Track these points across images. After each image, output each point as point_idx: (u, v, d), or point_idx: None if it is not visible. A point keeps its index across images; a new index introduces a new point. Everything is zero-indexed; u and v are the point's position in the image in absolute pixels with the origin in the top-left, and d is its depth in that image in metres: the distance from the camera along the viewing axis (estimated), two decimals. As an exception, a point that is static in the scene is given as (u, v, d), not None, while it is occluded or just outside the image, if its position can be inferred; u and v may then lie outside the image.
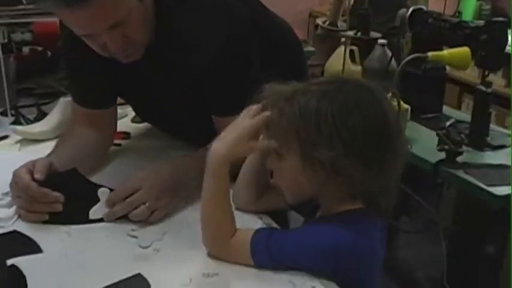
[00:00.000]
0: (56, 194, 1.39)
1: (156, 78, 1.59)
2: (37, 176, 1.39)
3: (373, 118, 1.15)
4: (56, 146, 1.62)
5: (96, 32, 1.38)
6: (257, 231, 1.23)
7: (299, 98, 1.16)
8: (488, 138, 2.43)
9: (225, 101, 1.55)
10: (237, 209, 1.43)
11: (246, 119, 1.23)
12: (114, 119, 1.76)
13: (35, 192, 1.38)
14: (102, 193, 1.41)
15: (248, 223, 1.30)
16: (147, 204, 1.38)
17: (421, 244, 3.08)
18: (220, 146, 1.22)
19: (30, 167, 1.41)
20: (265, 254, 1.20)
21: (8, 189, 1.47)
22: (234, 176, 1.49)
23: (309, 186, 1.20)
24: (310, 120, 1.14)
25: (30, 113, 2.08)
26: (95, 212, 1.40)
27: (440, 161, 2.21)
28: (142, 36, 1.46)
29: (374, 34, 3.01)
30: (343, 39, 3.16)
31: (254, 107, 1.24)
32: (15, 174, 1.41)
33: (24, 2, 2.14)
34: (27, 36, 2.70)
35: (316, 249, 1.17)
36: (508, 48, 2.65)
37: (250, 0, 1.66)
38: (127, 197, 1.38)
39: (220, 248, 1.25)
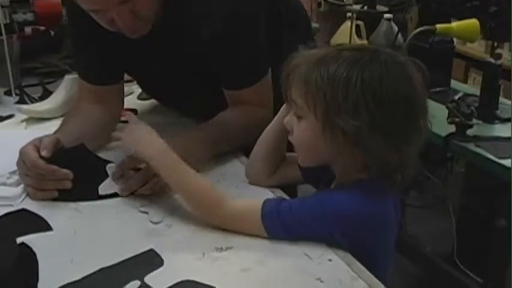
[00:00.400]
0: (65, 170, 1.37)
1: (164, 53, 1.57)
2: (43, 153, 1.37)
3: (402, 92, 1.12)
4: (63, 124, 1.60)
5: (105, 7, 1.36)
6: (267, 200, 1.21)
7: (330, 62, 1.13)
8: (498, 111, 2.40)
9: (236, 74, 1.53)
10: (251, 183, 1.42)
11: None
12: (121, 95, 1.74)
13: (43, 169, 1.36)
14: (111, 168, 1.39)
15: (261, 196, 1.28)
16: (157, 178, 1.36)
17: (430, 219, 3.06)
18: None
19: (37, 144, 1.39)
20: (277, 222, 1.18)
21: (15, 167, 1.45)
22: (247, 152, 1.48)
23: (325, 150, 1.16)
24: (339, 86, 1.11)
25: (35, 92, 2.05)
26: (104, 187, 1.38)
27: (450, 134, 2.18)
28: (149, 12, 1.44)
29: (380, 8, 2.97)
30: (348, 14, 3.12)
31: None
32: (22, 151, 1.39)
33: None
34: (29, 16, 2.67)
35: (328, 214, 1.15)
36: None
37: None
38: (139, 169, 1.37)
39: (219, 215, 1.24)
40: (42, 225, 1.29)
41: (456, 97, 2.46)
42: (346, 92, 1.10)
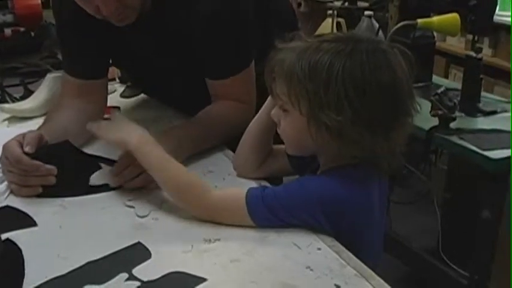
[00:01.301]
0: (49, 166, 1.35)
1: (152, 41, 1.56)
2: (27, 149, 1.35)
3: (384, 81, 1.10)
4: (46, 120, 1.59)
5: None
6: (251, 188, 1.21)
7: (311, 56, 1.12)
8: (480, 105, 2.42)
9: (220, 63, 1.53)
10: (238, 175, 1.42)
11: None
12: (106, 91, 1.73)
13: (26, 165, 1.34)
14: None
15: (247, 188, 1.27)
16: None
17: (414, 215, 3.08)
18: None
19: (21, 140, 1.37)
20: (262, 207, 1.17)
21: (-3, 166, 1.44)
22: (232, 146, 1.47)
23: (311, 143, 1.17)
24: (320, 80, 1.10)
25: (16, 92, 2.03)
26: (95, 178, 1.37)
27: (434, 128, 2.19)
28: (136, 2, 1.43)
29: (361, 4, 2.99)
30: (329, 12, 3.13)
31: None
32: (5, 147, 1.37)
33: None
34: (9, 17, 2.66)
35: (310, 197, 1.15)
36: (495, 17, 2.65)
37: None
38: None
39: (208, 206, 1.23)
40: (26, 221, 1.27)
41: (439, 91, 2.48)
42: (328, 86, 1.10)
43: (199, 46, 1.51)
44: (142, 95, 2.01)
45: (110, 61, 1.75)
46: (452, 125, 2.20)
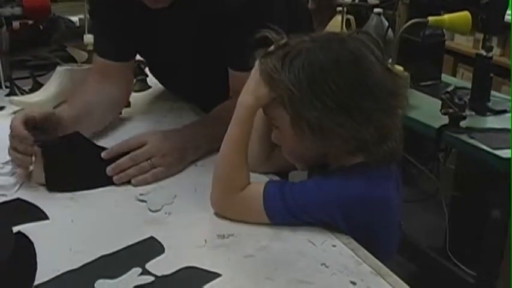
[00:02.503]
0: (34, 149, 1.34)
1: (179, 28, 1.56)
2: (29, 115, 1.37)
3: (352, 76, 1.11)
4: (69, 98, 1.59)
5: None
6: (268, 185, 1.20)
7: (289, 62, 1.14)
8: (490, 104, 2.41)
9: (245, 54, 1.52)
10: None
11: None
12: (131, 75, 1.76)
13: (18, 132, 1.33)
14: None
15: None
16: (150, 160, 1.37)
17: (422, 214, 3.07)
18: (247, 96, 1.21)
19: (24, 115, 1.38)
20: (280, 207, 1.17)
21: (7, 158, 1.43)
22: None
23: (306, 151, 1.19)
24: (294, 80, 1.12)
25: (25, 85, 2.02)
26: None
27: (444, 126, 2.18)
28: None
29: (371, 1, 2.98)
30: (339, 9, 3.11)
31: None
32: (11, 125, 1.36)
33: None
34: (17, 10, 2.64)
35: (329, 199, 1.15)
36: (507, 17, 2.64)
37: None
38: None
39: (229, 200, 1.22)
40: (38, 214, 1.26)
41: (449, 89, 2.47)
42: (300, 85, 1.11)
43: (228, 33, 1.50)
44: (152, 89, 2.01)
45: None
46: (463, 123, 2.19)
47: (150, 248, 1.14)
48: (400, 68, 2.23)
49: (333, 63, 1.12)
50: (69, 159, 1.36)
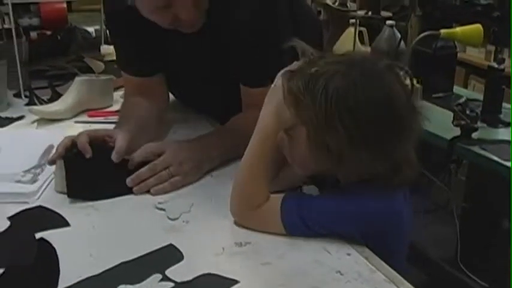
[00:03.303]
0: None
1: (194, 45, 1.59)
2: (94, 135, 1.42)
3: (378, 102, 1.11)
4: (123, 120, 1.62)
5: (169, 1, 1.41)
6: (286, 198, 1.22)
7: (312, 82, 1.13)
8: (501, 116, 2.43)
9: (256, 70, 1.55)
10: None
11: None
12: (163, 86, 1.79)
13: (85, 151, 1.38)
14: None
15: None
16: (168, 169, 1.41)
17: (433, 224, 3.08)
18: (269, 118, 1.23)
19: (91, 134, 1.42)
20: (297, 221, 1.19)
21: (28, 165, 1.49)
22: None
23: (315, 166, 1.20)
24: (316, 102, 1.12)
25: (44, 94, 2.06)
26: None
27: (456, 137, 2.20)
28: (206, 4, 1.49)
29: (384, 14, 3.01)
30: (352, 21, 3.14)
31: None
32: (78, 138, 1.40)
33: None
34: (35, 21, 2.69)
35: (347, 215, 1.17)
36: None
37: None
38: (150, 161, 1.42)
39: (249, 215, 1.24)
40: (59, 221, 1.29)
41: (460, 101, 2.49)
42: (323, 109, 1.11)
43: (238, 51, 1.54)
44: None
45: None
46: (474, 135, 2.21)
47: (170, 255, 1.17)
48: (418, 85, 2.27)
49: (367, 99, 1.11)
50: (89, 169, 1.38)
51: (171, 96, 1.99)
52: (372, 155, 1.13)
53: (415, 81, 1.19)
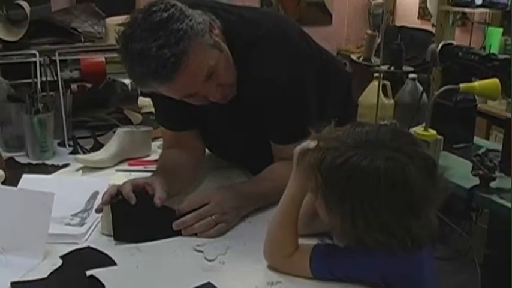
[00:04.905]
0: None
1: (224, 107, 1.69)
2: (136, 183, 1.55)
3: (399, 199, 1.20)
4: (162, 170, 1.75)
5: (194, 89, 1.54)
6: (314, 252, 1.33)
7: (328, 158, 1.23)
8: (519, 165, 2.51)
9: (284, 130, 1.68)
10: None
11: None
12: (199, 139, 1.91)
13: (129, 198, 1.51)
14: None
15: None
16: (213, 217, 1.52)
17: (454, 272, 3.13)
18: (294, 183, 1.36)
19: (134, 183, 1.56)
20: (326, 273, 1.30)
21: (75, 210, 1.62)
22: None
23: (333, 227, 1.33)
24: (337, 191, 1.22)
25: (86, 144, 2.20)
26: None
27: (475, 187, 2.29)
28: (232, 78, 1.62)
29: (406, 68, 3.13)
30: (376, 74, 3.27)
31: None
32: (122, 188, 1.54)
33: (83, 40, 2.26)
34: (75, 74, 2.81)
35: (374, 275, 1.27)
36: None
37: (308, 38, 1.80)
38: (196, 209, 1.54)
39: (280, 261, 1.36)
40: (107, 261, 1.42)
41: (479, 152, 2.58)
42: (344, 200, 1.22)
43: (267, 113, 1.68)
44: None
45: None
46: (493, 184, 2.29)
47: (208, 292, 1.28)
48: (433, 131, 2.37)
49: (389, 186, 1.18)
50: (132, 214, 1.51)
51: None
52: (387, 229, 1.22)
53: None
